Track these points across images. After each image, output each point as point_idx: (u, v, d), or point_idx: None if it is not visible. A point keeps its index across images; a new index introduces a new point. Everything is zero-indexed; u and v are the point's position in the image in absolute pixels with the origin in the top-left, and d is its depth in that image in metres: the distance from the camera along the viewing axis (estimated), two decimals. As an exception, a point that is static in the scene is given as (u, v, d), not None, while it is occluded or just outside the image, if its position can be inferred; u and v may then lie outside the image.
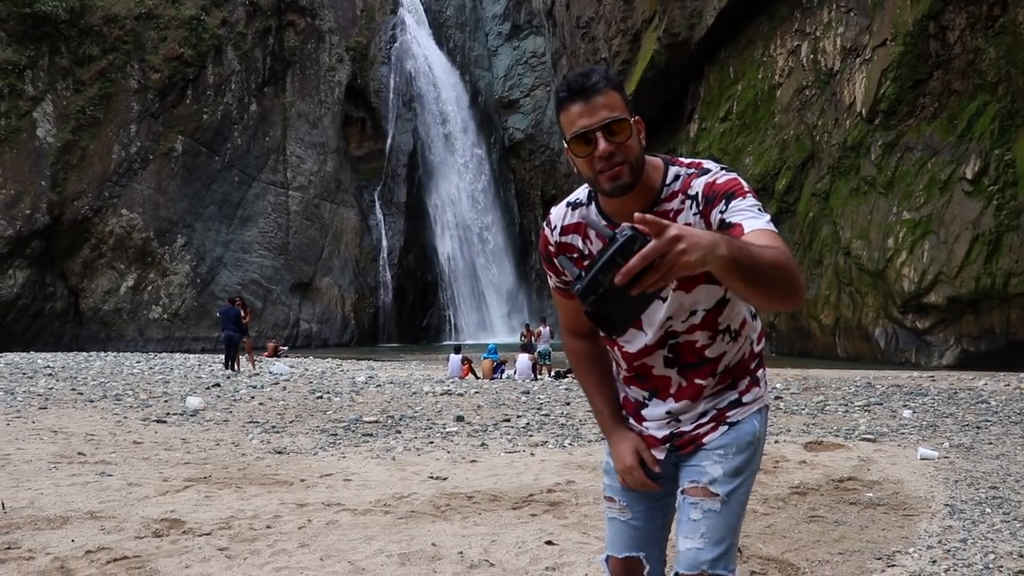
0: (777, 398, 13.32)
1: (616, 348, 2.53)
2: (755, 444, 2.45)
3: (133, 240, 41.69)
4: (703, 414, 2.44)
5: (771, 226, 2.13)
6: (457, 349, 21.94)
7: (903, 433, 9.17)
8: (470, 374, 21.21)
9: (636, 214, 1.80)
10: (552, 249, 2.50)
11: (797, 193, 31.88)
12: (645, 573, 2.60)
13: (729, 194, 2.19)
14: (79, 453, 8.02)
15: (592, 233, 2.40)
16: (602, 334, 2.51)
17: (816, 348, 29.60)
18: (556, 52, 52.80)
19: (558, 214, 2.50)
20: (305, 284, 47.50)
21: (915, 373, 19.76)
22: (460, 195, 54.56)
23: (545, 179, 55.12)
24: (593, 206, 2.40)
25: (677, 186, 2.30)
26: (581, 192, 2.48)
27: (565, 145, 2.29)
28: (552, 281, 2.59)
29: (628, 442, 2.50)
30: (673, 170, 2.32)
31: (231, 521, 5.46)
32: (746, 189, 2.20)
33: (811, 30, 31.87)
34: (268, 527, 5.33)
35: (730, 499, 2.36)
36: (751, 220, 2.12)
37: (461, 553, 4.76)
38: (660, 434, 2.49)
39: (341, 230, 49.47)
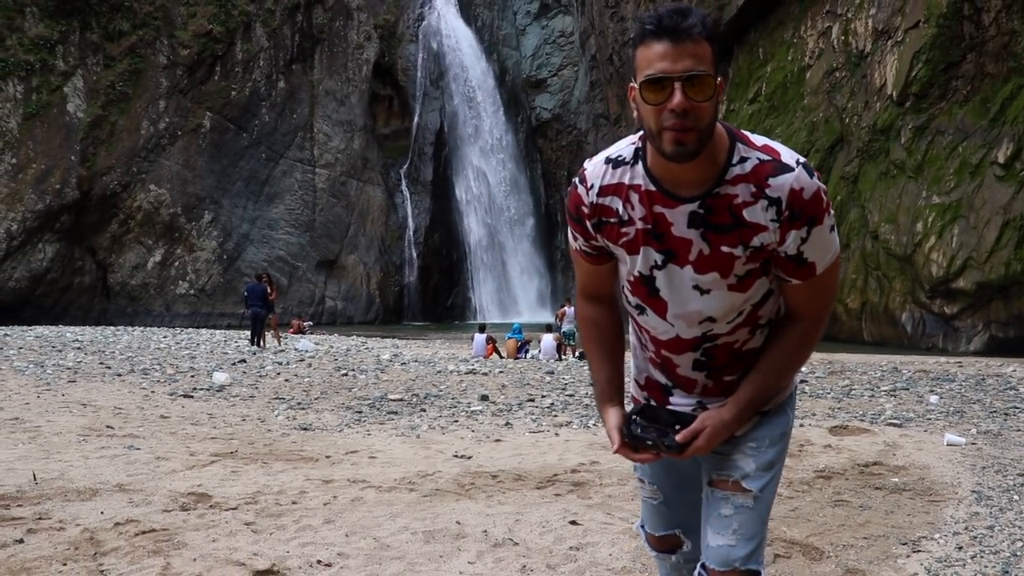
0: (803, 382, 13.26)
1: (645, 332, 2.35)
2: (787, 434, 2.34)
3: (161, 216, 41.99)
4: None
5: (837, 254, 2.12)
6: (482, 328, 21.99)
7: (929, 419, 9.11)
8: (494, 353, 21.25)
9: (679, 435, 2.11)
10: (586, 210, 2.23)
11: (826, 176, 31.58)
12: (684, 547, 2.58)
13: (813, 218, 2.03)
14: (107, 426, 8.12)
15: (635, 198, 2.14)
16: (633, 310, 2.35)
17: (842, 332, 29.40)
18: (584, 32, 52.52)
19: (596, 171, 2.22)
20: (331, 261, 47.69)
21: (942, 359, 19.60)
22: (486, 174, 54.48)
23: (572, 160, 54.85)
24: (640, 166, 2.14)
25: (745, 170, 2.06)
26: (624, 148, 2.21)
27: (633, 83, 2.04)
28: (576, 243, 2.33)
29: (613, 419, 2.28)
30: (741, 149, 2.08)
31: (257, 496, 5.51)
32: (826, 204, 2.05)
33: (842, 11, 31.48)
34: (294, 503, 5.38)
35: (763, 494, 2.27)
36: (824, 258, 2.09)
37: (485, 531, 4.78)
38: (685, 409, 2.34)
39: (367, 208, 49.57)
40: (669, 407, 2.35)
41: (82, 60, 40.30)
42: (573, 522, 4.95)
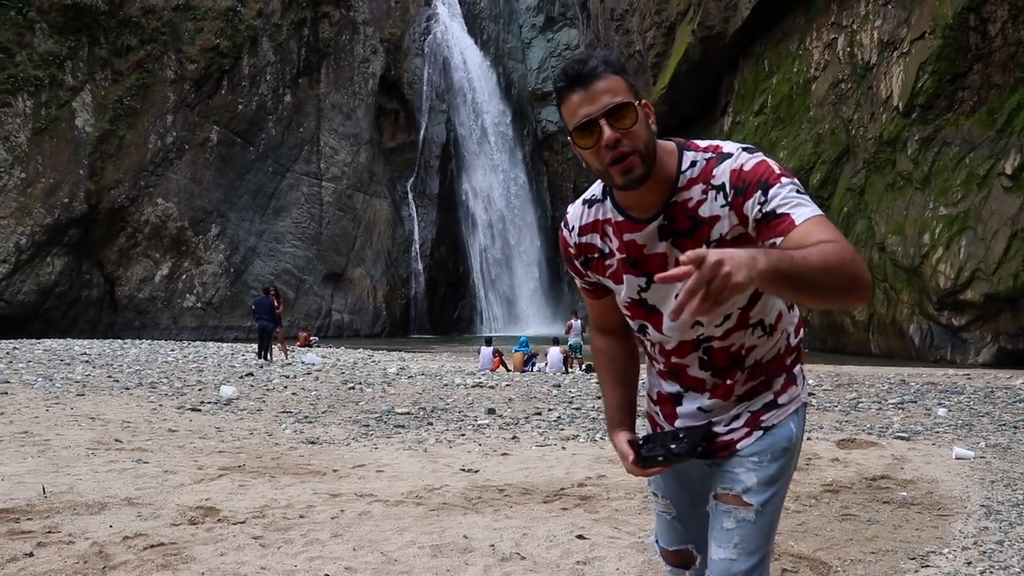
0: (810, 394, 13.24)
1: (655, 347, 2.39)
2: (791, 449, 2.31)
3: (168, 229, 42.13)
4: (736, 417, 2.31)
5: (819, 214, 1.95)
6: (488, 341, 21.98)
7: (938, 432, 9.08)
8: (501, 366, 21.24)
9: (683, 256, 1.67)
10: (572, 251, 2.37)
11: (832, 188, 31.56)
12: (697, 562, 2.57)
13: (763, 182, 2.00)
14: (116, 440, 8.14)
15: (610, 230, 2.26)
16: (638, 332, 2.41)
17: (849, 344, 29.33)
18: (590, 45, 52.59)
19: (575, 214, 2.36)
20: (337, 275, 47.77)
21: (950, 371, 19.54)
22: (493, 187, 54.54)
23: (578, 172, 54.89)
24: (608, 201, 2.26)
25: (695, 173, 2.12)
26: (596, 188, 2.33)
27: (570, 139, 2.11)
28: (578, 282, 2.48)
29: (622, 443, 2.32)
30: (689, 155, 2.15)
31: (265, 510, 5.52)
32: (778, 172, 2.02)
33: (848, 23, 31.50)
34: (301, 516, 5.39)
35: (764, 508, 2.24)
36: (799, 208, 1.95)
37: (492, 546, 4.78)
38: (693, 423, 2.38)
39: (374, 221, 49.67)
40: (674, 428, 2.37)
41: (90, 75, 40.54)
42: (580, 536, 4.95)
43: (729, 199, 2.07)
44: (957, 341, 24.73)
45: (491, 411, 11.26)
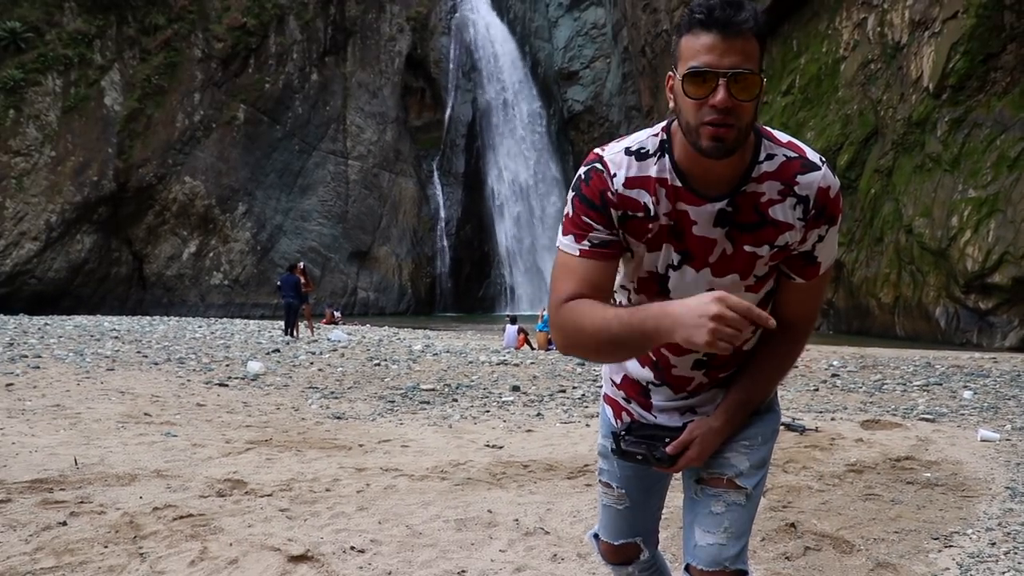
0: (834, 375, 13.19)
1: None
2: (777, 431, 2.31)
3: (196, 207, 42.44)
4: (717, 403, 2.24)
5: (833, 262, 2.13)
6: (513, 319, 22.02)
7: (963, 414, 9.03)
8: (526, 344, 21.29)
9: (669, 447, 2.15)
10: (613, 198, 2.03)
11: (859, 169, 31.29)
12: (641, 556, 2.53)
13: (833, 217, 2.02)
14: (145, 414, 8.26)
15: (662, 192, 2.02)
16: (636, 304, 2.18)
17: (875, 327, 29.15)
18: (617, 24, 52.31)
19: (618, 160, 2.04)
20: (363, 253, 47.96)
21: (976, 354, 19.39)
22: (518, 166, 54.47)
23: (603, 150, 54.69)
24: (667, 160, 2.02)
25: (772, 168, 2.00)
26: (647, 140, 2.07)
27: (672, 72, 1.95)
28: (584, 242, 2.05)
29: (687, 306, 1.81)
30: (767, 146, 2.01)
31: (291, 483, 5.59)
32: (842, 206, 2.05)
33: (879, 2, 31.12)
34: (327, 490, 5.45)
35: (754, 491, 2.20)
36: (827, 258, 2.10)
37: (517, 520, 4.82)
38: (672, 425, 2.26)
39: (399, 199, 49.79)
40: (656, 423, 2.31)
41: (119, 54, 40.79)
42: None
43: (808, 217, 2.01)
44: (984, 324, 24.52)
45: (516, 388, 11.31)
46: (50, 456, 6.06)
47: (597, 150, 2.10)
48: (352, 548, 4.27)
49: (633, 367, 2.32)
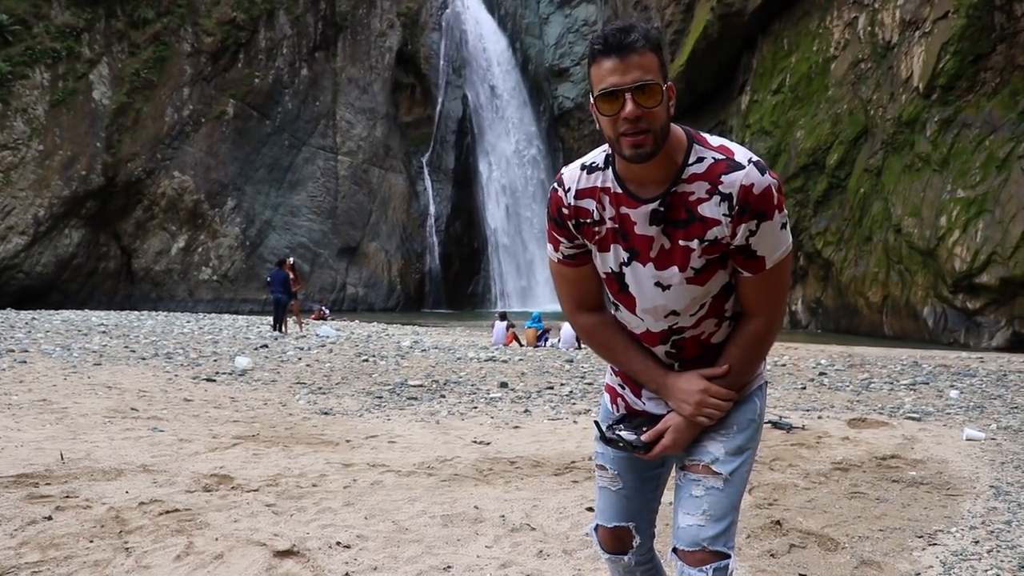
0: (821, 374, 13.24)
1: (622, 325, 2.47)
2: (756, 421, 2.42)
3: (184, 202, 42.27)
4: None
5: (788, 251, 2.25)
6: (502, 316, 22.04)
7: (949, 413, 9.08)
8: (514, 341, 21.32)
9: (645, 435, 2.31)
10: (567, 212, 2.34)
11: (849, 168, 31.37)
12: (634, 543, 2.60)
13: (762, 213, 2.16)
14: (132, 408, 8.24)
15: (606, 199, 2.28)
16: (611, 306, 2.48)
17: (863, 326, 29.25)
18: (608, 21, 52.23)
19: (572, 176, 2.37)
20: (352, 248, 47.88)
21: (963, 354, 19.49)
22: (508, 163, 54.45)
23: (594, 148, 54.53)
24: (610, 171, 2.29)
25: (701, 169, 2.18)
26: (597, 155, 2.37)
27: (591, 100, 2.19)
28: (557, 253, 2.43)
29: (688, 379, 2.34)
30: (697, 149, 2.20)
31: (278, 479, 5.59)
32: (776, 202, 2.17)
33: (869, 2, 31.18)
34: (314, 485, 5.46)
35: (732, 477, 2.33)
36: (774, 252, 2.22)
37: (503, 516, 4.84)
38: (658, 412, 2.44)
39: (389, 195, 49.71)
40: (644, 409, 2.49)
41: (107, 48, 40.57)
42: (590, 508, 4.99)
43: (732, 212, 2.16)
44: (971, 324, 24.62)
45: (504, 385, 11.32)
46: (36, 451, 6.04)
47: (563, 168, 2.43)
48: (338, 543, 4.28)
49: None
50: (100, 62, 40.18)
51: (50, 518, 4.46)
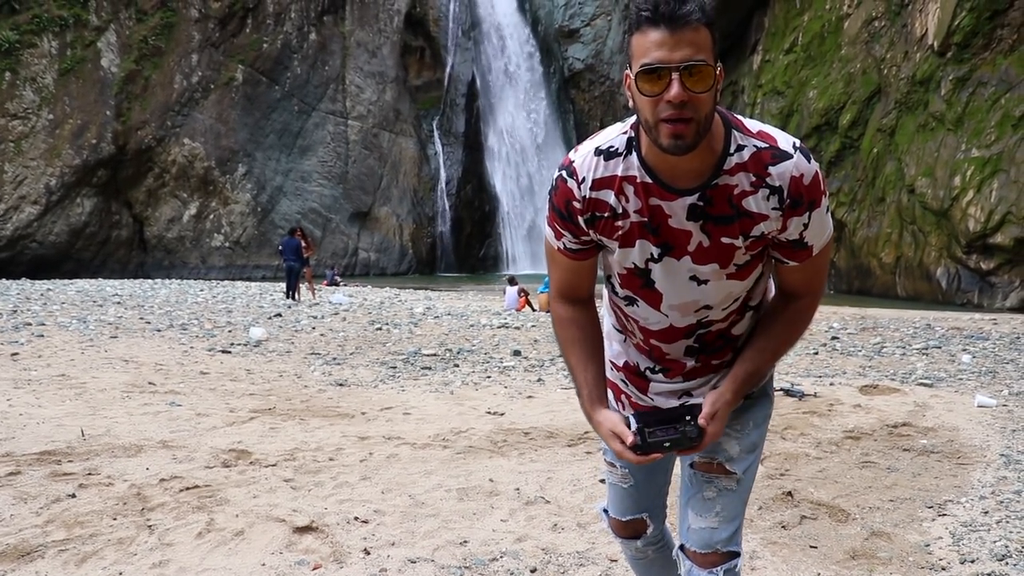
0: (834, 338, 13.25)
1: (633, 322, 2.28)
2: (769, 416, 2.35)
3: (195, 169, 42.32)
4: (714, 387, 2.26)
5: (831, 235, 2.11)
6: (513, 280, 22.06)
7: (961, 379, 9.10)
8: (527, 306, 21.35)
9: (701, 419, 2.08)
10: (578, 206, 2.09)
11: (862, 128, 31.12)
12: (648, 531, 2.58)
13: (812, 202, 2.00)
14: (149, 383, 8.33)
15: (630, 190, 2.04)
16: (621, 301, 2.28)
17: (876, 287, 29.18)
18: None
19: (586, 163, 2.08)
20: (364, 213, 47.90)
21: (976, 315, 19.44)
22: (519, 125, 54.20)
23: (604, 110, 54.35)
24: (635, 157, 2.03)
25: (744, 158, 1.98)
26: (616, 138, 2.08)
27: (628, 71, 1.94)
28: (559, 242, 2.19)
29: (610, 421, 2.15)
30: (737, 137, 1.99)
31: (295, 453, 5.67)
32: (824, 187, 2.04)
33: (883, -42, 30.76)
34: (331, 459, 5.53)
35: (745, 475, 2.26)
36: (819, 238, 2.07)
37: (518, 489, 4.90)
38: (667, 405, 2.29)
39: (400, 160, 49.62)
40: (653, 405, 2.35)
41: (115, 15, 40.43)
42: (603, 480, 5.04)
43: (784, 206, 2.00)
44: (984, 285, 24.54)
45: (517, 353, 11.37)
46: (57, 427, 6.14)
47: (570, 154, 2.13)
48: (356, 519, 4.35)
49: (633, 353, 2.37)
50: (108, 29, 40.07)
51: (74, 495, 4.54)
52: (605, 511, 2.68)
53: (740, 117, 2.05)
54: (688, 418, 2.08)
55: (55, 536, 3.98)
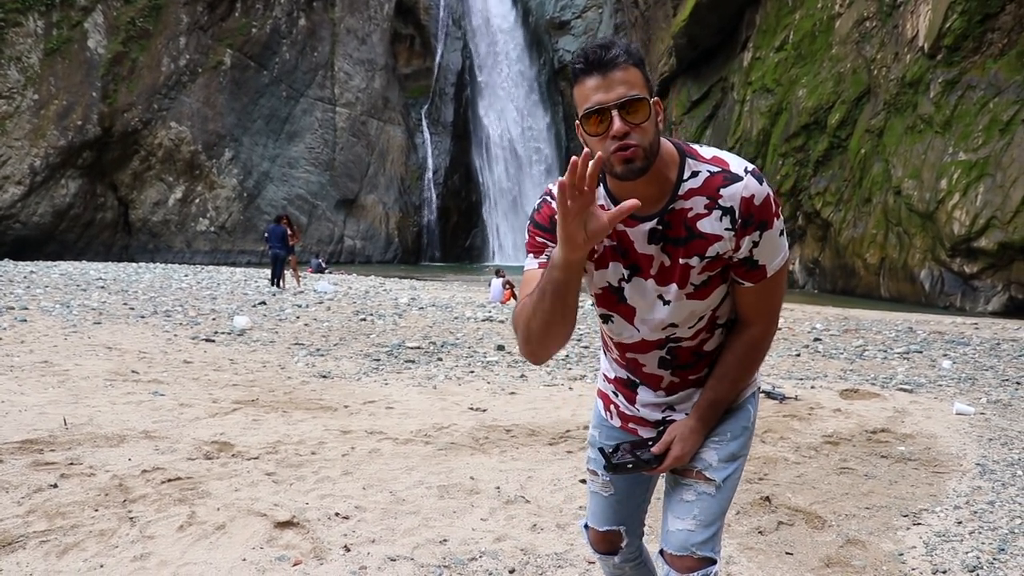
0: (816, 340, 13.34)
1: (610, 338, 2.45)
2: (749, 428, 2.44)
3: (181, 153, 42.10)
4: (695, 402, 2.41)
5: (786, 257, 2.24)
6: (498, 272, 22.08)
7: (940, 385, 9.17)
8: (512, 299, 21.36)
9: (655, 447, 2.29)
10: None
11: (850, 129, 31.24)
12: (623, 544, 2.67)
13: (763, 223, 2.13)
14: (133, 371, 8.31)
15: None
16: (599, 319, 2.44)
17: (859, 287, 29.34)
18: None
19: None
20: (350, 201, 47.81)
21: (958, 319, 19.57)
22: (507, 116, 54.19)
23: (593, 104, 54.31)
24: (602, 188, 2.21)
25: (697, 184, 2.14)
26: None
27: (576, 121, 2.11)
28: (545, 254, 2.27)
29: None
30: (691, 164, 2.16)
31: (278, 446, 5.68)
32: (775, 210, 2.16)
33: (875, -41, 30.83)
34: (313, 453, 5.55)
35: (724, 484, 2.35)
36: (773, 260, 2.20)
37: (498, 488, 4.93)
38: (652, 417, 2.45)
39: (387, 148, 49.52)
40: (642, 419, 2.49)
41: (103, -5, 40.12)
42: (583, 480, 5.08)
43: (736, 226, 2.13)
44: (968, 288, 24.70)
45: (500, 347, 11.40)
46: (39, 416, 6.12)
47: (550, 184, 2.32)
48: (337, 514, 4.36)
49: (620, 369, 2.52)
50: (95, 10, 39.72)
51: (55, 486, 4.54)
52: (586, 526, 2.75)
53: (695, 146, 2.21)
54: (650, 443, 2.37)
55: (36, 527, 3.98)
